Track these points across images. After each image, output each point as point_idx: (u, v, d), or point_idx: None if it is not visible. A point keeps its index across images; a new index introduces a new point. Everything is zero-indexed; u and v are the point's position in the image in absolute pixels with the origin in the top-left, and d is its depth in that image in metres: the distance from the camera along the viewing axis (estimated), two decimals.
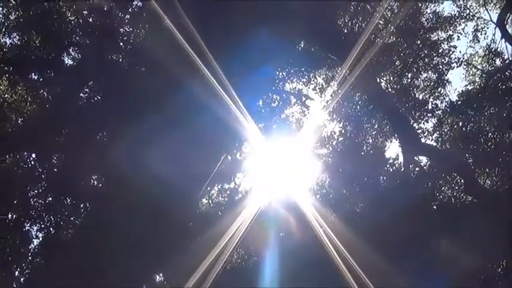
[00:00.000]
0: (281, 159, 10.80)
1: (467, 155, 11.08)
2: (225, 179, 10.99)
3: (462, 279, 10.18)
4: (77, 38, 10.83)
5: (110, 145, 10.13)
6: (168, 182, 9.30)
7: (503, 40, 11.22)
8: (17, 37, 10.61)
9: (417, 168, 11.13)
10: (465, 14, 11.36)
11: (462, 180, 11.20)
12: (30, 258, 10.72)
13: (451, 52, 10.90)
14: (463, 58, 11.15)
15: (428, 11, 11.27)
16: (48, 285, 9.82)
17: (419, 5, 11.12)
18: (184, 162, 9.57)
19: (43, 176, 10.81)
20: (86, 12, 10.64)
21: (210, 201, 11.14)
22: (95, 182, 10.93)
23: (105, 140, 10.70)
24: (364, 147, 11.15)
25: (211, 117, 9.46)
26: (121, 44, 10.77)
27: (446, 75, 11.03)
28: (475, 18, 11.41)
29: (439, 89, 11.03)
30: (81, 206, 10.84)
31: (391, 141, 11.37)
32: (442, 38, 11.03)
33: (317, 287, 9.86)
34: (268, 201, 10.96)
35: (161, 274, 11.03)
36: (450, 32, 11.07)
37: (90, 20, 10.74)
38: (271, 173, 10.93)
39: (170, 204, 9.80)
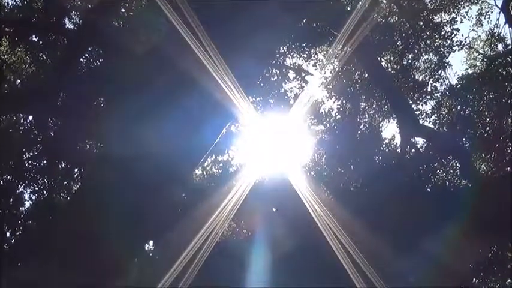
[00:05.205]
0: (277, 134, 10.75)
1: (464, 139, 11.08)
2: (219, 151, 10.94)
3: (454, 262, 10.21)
4: (79, 2, 10.79)
5: (106, 113, 10.11)
6: (162, 154, 9.31)
7: (506, 25, 11.17)
8: None
9: (413, 150, 11.10)
10: None
11: (458, 164, 11.21)
12: (22, 220, 10.80)
13: (453, 35, 10.83)
14: (465, 41, 11.15)
15: None
16: (38, 246, 9.88)
17: None
18: (179, 135, 9.56)
19: (39, 139, 10.82)
20: None
21: (205, 173, 11.11)
22: (90, 148, 10.90)
23: (101, 107, 10.67)
24: (362, 126, 11.10)
25: (205, 91, 9.45)
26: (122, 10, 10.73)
27: (447, 58, 11.00)
28: (480, 1, 11.31)
29: (440, 71, 10.99)
30: (75, 170, 10.88)
31: (388, 121, 11.34)
32: (445, 20, 10.93)
33: (308, 266, 9.90)
34: (261, 175, 10.94)
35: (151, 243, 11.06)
36: (453, 15, 10.95)
37: None
38: (266, 147, 10.88)
39: (164, 175, 9.81)
